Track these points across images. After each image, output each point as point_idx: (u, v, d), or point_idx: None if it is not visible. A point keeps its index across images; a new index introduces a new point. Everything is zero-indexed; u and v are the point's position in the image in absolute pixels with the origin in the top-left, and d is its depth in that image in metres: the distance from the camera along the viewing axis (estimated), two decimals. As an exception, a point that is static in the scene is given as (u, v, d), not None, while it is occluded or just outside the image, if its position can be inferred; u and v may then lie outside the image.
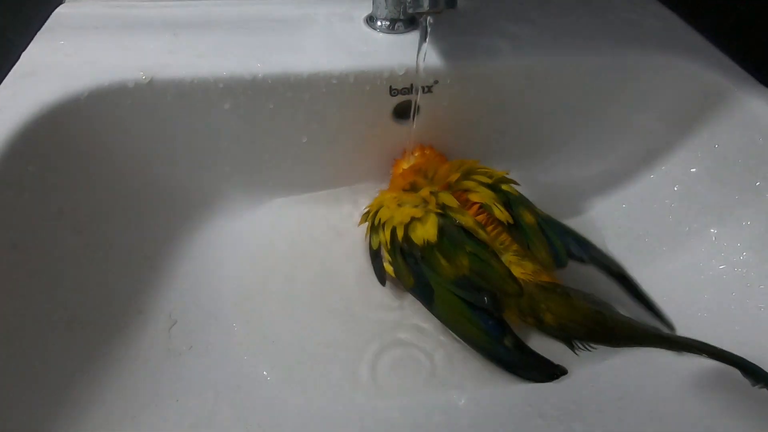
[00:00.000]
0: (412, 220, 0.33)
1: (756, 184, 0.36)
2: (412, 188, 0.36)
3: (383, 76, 0.37)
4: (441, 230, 0.32)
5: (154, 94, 0.34)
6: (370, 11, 0.41)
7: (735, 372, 0.27)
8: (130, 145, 0.36)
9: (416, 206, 0.34)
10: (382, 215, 0.35)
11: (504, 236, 0.34)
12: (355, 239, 0.40)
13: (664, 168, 0.42)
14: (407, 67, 0.37)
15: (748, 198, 0.37)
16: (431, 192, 0.34)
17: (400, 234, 0.33)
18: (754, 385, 0.27)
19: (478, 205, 0.34)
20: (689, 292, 0.36)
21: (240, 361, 0.32)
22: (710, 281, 0.36)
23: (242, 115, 0.37)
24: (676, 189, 0.41)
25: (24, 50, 0.36)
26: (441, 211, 0.33)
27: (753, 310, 0.33)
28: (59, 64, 0.34)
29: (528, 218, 0.34)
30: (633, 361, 0.32)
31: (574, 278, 0.34)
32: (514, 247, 0.34)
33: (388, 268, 0.35)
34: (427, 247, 0.32)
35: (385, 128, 0.40)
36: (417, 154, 0.40)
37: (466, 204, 0.35)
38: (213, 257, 0.38)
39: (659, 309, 0.33)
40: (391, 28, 0.40)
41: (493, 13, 0.43)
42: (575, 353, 0.33)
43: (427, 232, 0.32)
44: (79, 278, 0.32)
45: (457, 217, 0.33)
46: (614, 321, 0.33)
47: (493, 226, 0.34)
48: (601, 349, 0.33)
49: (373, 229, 0.36)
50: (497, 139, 0.43)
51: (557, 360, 0.33)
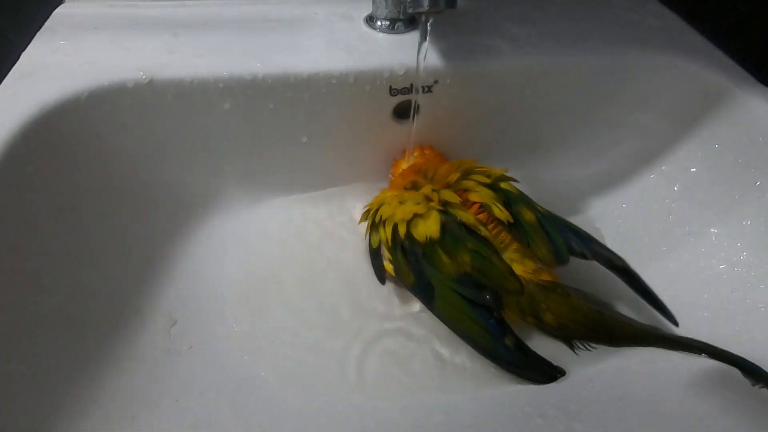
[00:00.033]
0: (414, 216, 0.33)
1: (756, 183, 0.36)
2: (413, 187, 0.36)
3: (383, 76, 0.37)
4: (443, 227, 0.32)
5: (154, 95, 0.34)
6: (370, 11, 0.41)
7: (735, 372, 0.27)
8: (130, 145, 0.36)
9: (418, 203, 0.34)
10: (384, 212, 0.35)
11: (504, 235, 0.34)
12: (355, 239, 0.40)
13: (664, 167, 0.42)
14: (407, 67, 0.37)
15: (748, 198, 0.36)
16: (433, 189, 0.34)
17: (402, 230, 0.33)
18: (754, 385, 0.26)
19: (479, 204, 0.34)
20: (689, 292, 0.36)
21: (240, 361, 0.32)
22: (710, 281, 0.36)
23: (242, 115, 0.37)
24: (676, 188, 0.41)
25: (24, 50, 0.36)
26: (443, 208, 0.33)
27: (753, 309, 0.33)
28: (59, 65, 0.34)
29: (528, 216, 0.34)
30: (633, 361, 0.32)
31: (575, 276, 0.34)
32: (515, 245, 0.34)
33: (388, 266, 0.35)
34: (429, 244, 0.32)
35: (385, 128, 0.40)
36: (417, 154, 0.40)
37: (466, 204, 0.34)
38: (213, 257, 0.38)
39: (663, 303, 0.33)
40: (391, 28, 0.40)
41: (493, 14, 0.43)
42: (575, 353, 0.33)
43: (429, 228, 0.32)
44: (78, 278, 0.32)
45: (459, 214, 0.33)
46: (614, 321, 0.33)
47: (494, 225, 0.34)
48: (601, 349, 0.33)
49: (374, 227, 0.36)
50: (497, 138, 0.43)
51: (557, 360, 0.32)
